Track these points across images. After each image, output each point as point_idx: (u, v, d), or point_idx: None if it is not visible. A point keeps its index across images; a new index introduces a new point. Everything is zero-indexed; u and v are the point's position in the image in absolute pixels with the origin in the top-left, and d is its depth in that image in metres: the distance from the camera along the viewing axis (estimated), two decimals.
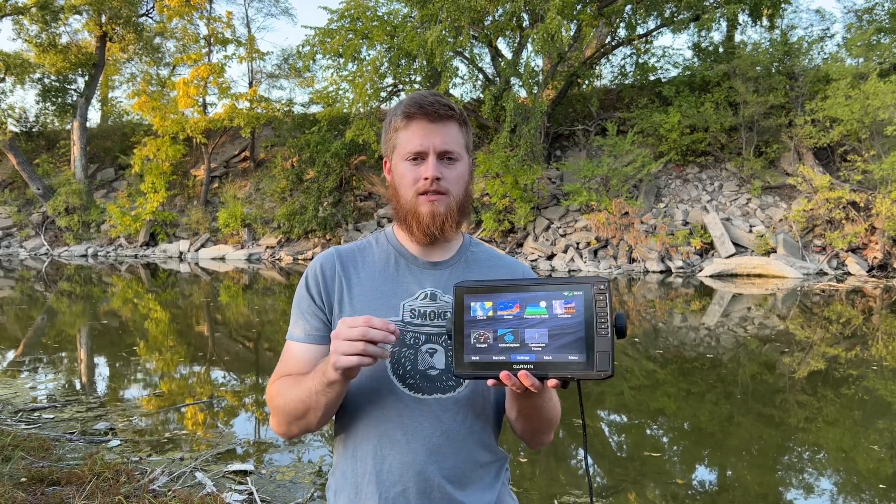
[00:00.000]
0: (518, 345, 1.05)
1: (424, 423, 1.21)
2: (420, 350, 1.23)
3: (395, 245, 1.34)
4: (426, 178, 1.23)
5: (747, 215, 16.56)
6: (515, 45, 19.28)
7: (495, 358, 1.06)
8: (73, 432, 4.49)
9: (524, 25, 18.20)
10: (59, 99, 26.83)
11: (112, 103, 32.43)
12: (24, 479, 3.43)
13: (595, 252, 16.48)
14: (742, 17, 19.29)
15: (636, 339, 8.10)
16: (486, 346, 1.07)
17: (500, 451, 1.33)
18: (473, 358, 1.08)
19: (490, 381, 1.06)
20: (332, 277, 1.29)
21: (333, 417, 1.31)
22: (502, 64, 18.54)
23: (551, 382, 1.03)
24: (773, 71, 17.41)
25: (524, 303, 1.07)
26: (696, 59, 20.62)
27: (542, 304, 1.06)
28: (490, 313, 1.08)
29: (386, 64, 18.21)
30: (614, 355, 1.02)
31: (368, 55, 18.82)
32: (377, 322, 1.05)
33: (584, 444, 1.20)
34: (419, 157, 1.24)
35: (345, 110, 20.23)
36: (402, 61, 17.94)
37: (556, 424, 1.30)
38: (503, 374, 1.04)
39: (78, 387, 5.97)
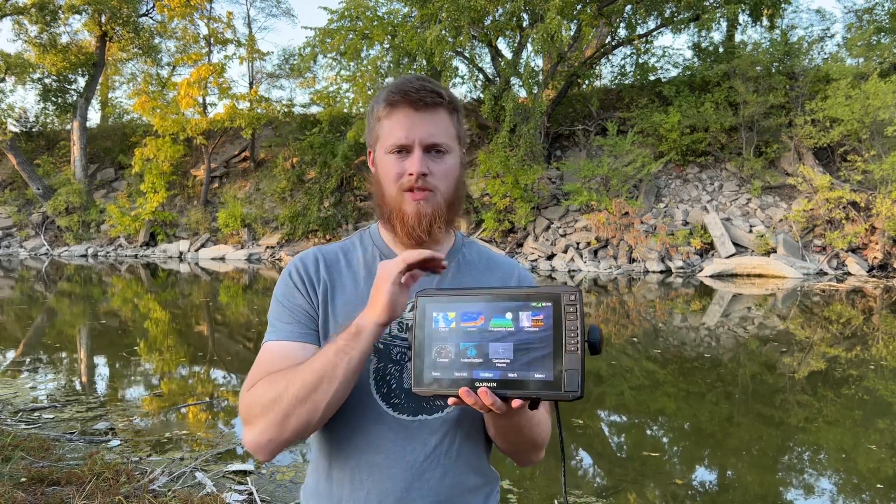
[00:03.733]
0: (481, 360, 0.96)
1: (408, 447, 1.11)
2: (406, 366, 1.13)
3: (380, 246, 1.22)
4: (411, 174, 1.11)
5: (747, 215, 16.56)
6: (515, 45, 19.28)
7: (457, 374, 0.97)
8: (73, 432, 4.49)
9: (524, 25, 18.20)
10: (59, 99, 26.84)
11: (112, 103, 32.45)
12: (24, 479, 3.43)
13: (595, 252, 16.48)
14: (742, 17, 19.32)
15: (635, 339, 8.11)
16: (447, 361, 0.98)
17: (490, 472, 1.23)
18: (434, 374, 0.98)
19: (451, 401, 0.98)
20: (318, 279, 1.17)
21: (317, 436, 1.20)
22: (502, 64, 18.54)
23: (515, 403, 0.94)
24: (773, 71, 17.41)
25: (489, 314, 0.97)
26: (696, 59, 20.63)
27: (508, 315, 0.97)
28: (453, 325, 0.99)
29: (386, 63, 18.21)
30: (584, 374, 0.93)
31: (369, 55, 18.84)
32: (413, 254, 1.02)
33: (563, 468, 1.13)
34: (403, 149, 1.12)
35: (345, 110, 20.24)
36: (403, 61, 17.95)
37: (544, 444, 1.20)
38: (462, 391, 0.95)
39: (78, 387, 5.97)
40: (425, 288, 1.06)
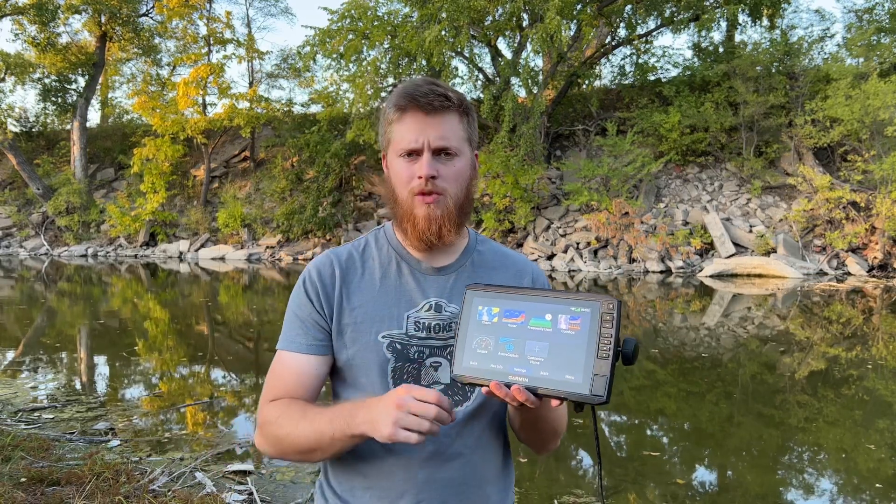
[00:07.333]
0: (517, 356, 1.02)
1: (429, 446, 1.14)
2: (424, 364, 1.17)
3: (395, 247, 1.24)
4: (420, 177, 1.13)
5: (747, 215, 16.56)
6: (515, 45, 19.29)
7: (492, 366, 1.03)
8: (73, 432, 4.49)
9: (524, 25, 18.21)
10: (60, 99, 26.83)
11: (112, 103, 32.43)
12: (24, 479, 3.43)
13: (595, 252, 16.47)
14: (742, 17, 19.31)
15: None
16: (486, 352, 1.04)
17: (510, 464, 1.28)
18: (472, 363, 1.04)
19: (484, 389, 1.02)
20: (332, 285, 1.20)
21: None
22: (502, 64, 18.55)
23: (554, 403, 0.99)
24: (773, 71, 17.41)
25: (530, 313, 1.04)
26: (696, 59, 20.63)
27: (548, 316, 1.02)
28: (495, 319, 1.05)
29: (386, 64, 18.21)
30: (613, 380, 0.97)
31: (369, 55, 18.83)
32: (445, 402, 0.99)
33: (599, 473, 1.14)
34: (414, 153, 1.14)
35: (345, 110, 20.23)
36: (403, 61, 17.95)
37: (563, 432, 1.26)
38: (493, 384, 1.00)
39: (78, 387, 5.97)
40: (475, 282, 1.14)
